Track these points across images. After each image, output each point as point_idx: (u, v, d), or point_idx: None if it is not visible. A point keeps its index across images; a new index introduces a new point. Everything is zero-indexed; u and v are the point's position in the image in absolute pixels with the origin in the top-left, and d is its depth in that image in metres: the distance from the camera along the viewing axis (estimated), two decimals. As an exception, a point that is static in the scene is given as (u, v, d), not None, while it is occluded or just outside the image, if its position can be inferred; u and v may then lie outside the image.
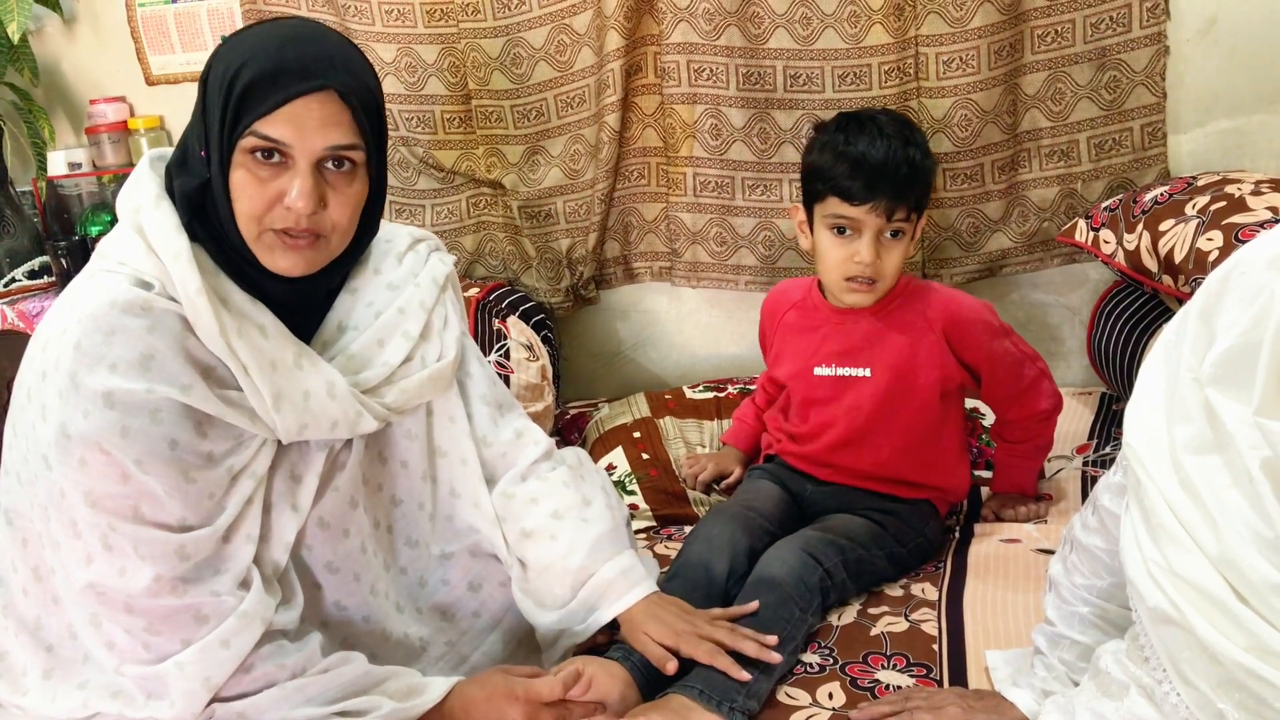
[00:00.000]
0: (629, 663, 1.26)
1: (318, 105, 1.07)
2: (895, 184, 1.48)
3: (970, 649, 1.31)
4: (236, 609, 1.08)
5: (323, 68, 1.08)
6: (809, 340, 1.64)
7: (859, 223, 1.50)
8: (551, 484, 1.38)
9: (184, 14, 2.43)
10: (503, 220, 2.35)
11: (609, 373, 2.44)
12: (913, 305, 1.58)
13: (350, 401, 1.16)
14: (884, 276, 1.53)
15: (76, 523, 1.06)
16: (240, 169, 1.08)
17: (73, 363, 1.03)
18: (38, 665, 1.16)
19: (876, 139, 1.50)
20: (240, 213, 1.09)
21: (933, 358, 1.56)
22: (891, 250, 1.52)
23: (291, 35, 1.11)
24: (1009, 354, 1.59)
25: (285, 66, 1.07)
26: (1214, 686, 0.80)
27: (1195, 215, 1.69)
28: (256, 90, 1.06)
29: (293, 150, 1.08)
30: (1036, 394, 1.62)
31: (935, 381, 1.56)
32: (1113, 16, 1.97)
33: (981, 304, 1.61)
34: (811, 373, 1.62)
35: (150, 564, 1.06)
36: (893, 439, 1.58)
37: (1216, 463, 0.82)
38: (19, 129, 2.53)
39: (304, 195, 1.08)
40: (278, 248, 1.11)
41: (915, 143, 1.52)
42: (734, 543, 1.46)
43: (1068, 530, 1.14)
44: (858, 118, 1.55)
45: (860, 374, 1.58)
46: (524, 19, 2.18)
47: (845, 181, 1.49)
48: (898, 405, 1.57)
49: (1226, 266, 0.87)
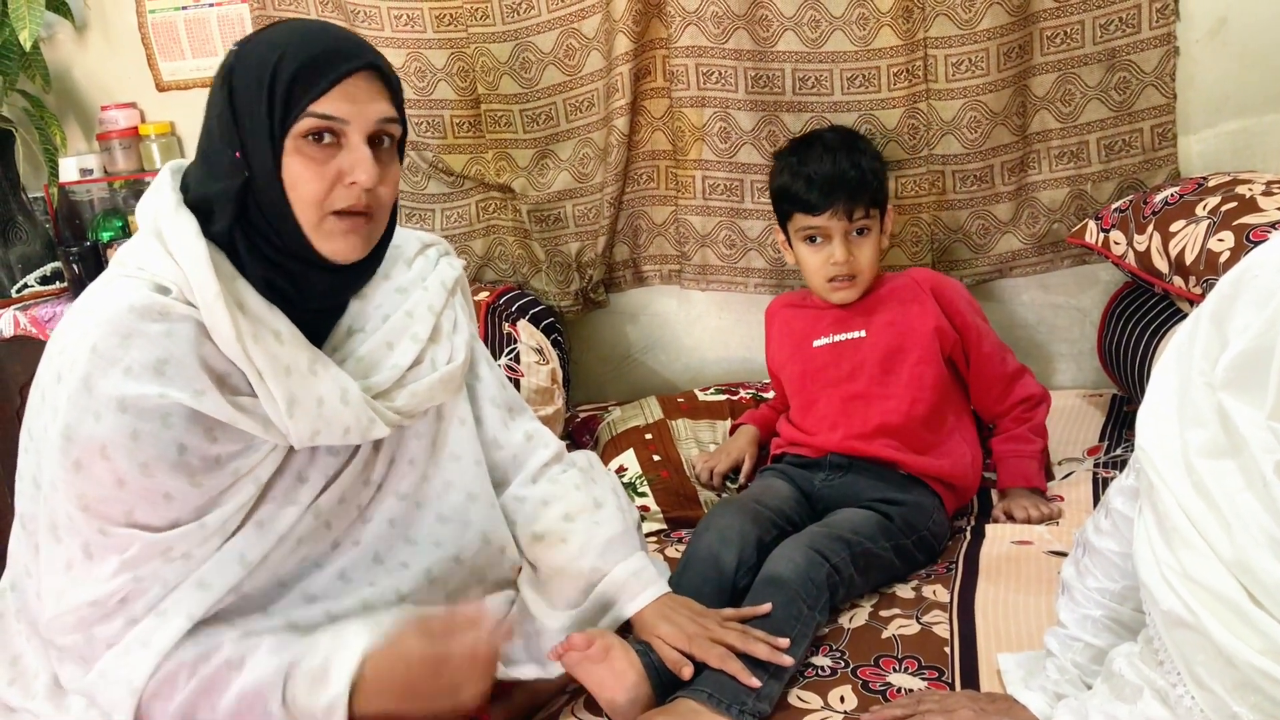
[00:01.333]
0: (646, 659, 1.27)
1: (364, 81, 1.11)
2: (848, 188, 1.70)
3: (982, 652, 1.31)
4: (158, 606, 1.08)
5: (361, 48, 1.13)
6: (804, 322, 1.81)
7: (826, 229, 1.71)
8: (563, 486, 1.38)
9: (194, 20, 2.44)
10: (512, 224, 2.35)
11: (618, 376, 2.44)
12: (899, 280, 1.78)
13: (363, 408, 1.17)
14: (861, 270, 1.73)
15: (58, 527, 1.07)
16: (295, 156, 1.09)
17: (88, 365, 1.04)
18: (50, 670, 1.16)
19: (824, 154, 1.74)
20: (300, 200, 1.10)
21: (925, 311, 1.73)
22: (862, 246, 1.73)
23: (318, 26, 1.16)
24: (990, 334, 1.77)
25: (329, 48, 1.10)
26: (1229, 689, 0.80)
27: (1206, 216, 1.69)
28: (305, 73, 1.08)
29: (348, 127, 1.10)
30: (1022, 382, 1.76)
31: (931, 332, 1.71)
32: (1122, 17, 1.97)
33: (960, 285, 1.82)
34: (811, 345, 1.78)
35: (132, 569, 1.07)
36: (898, 393, 1.68)
37: (1230, 467, 0.81)
38: (31, 135, 2.54)
39: (367, 167, 1.10)
40: (337, 232, 1.12)
41: (859, 150, 1.76)
42: (743, 534, 1.47)
43: (1080, 533, 1.14)
44: (806, 139, 1.83)
45: (856, 335, 1.74)
46: (533, 23, 2.18)
47: (804, 196, 1.72)
48: (898, 359, 1.70)
49: (1238, 270, 0.87)
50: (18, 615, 1.20)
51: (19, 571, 1.20)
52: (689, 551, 1.49)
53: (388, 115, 1.13)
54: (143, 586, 1.09)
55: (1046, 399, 1.77)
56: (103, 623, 1.08)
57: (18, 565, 1.20)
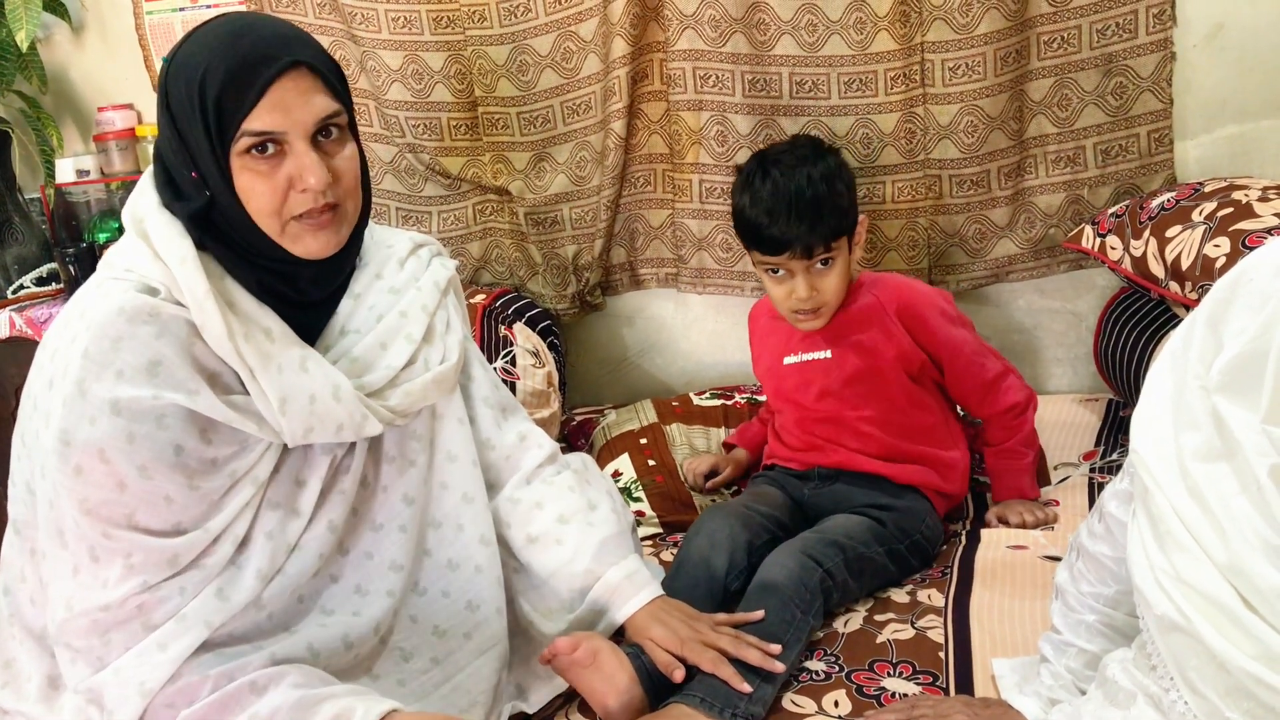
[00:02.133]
0: (638, 662, 1.26)
1: (293, 83, 1.08)
2: (806, 225, 1.55)
3: (977, 657, 1.31)
4: (179, 611, 1.08)
5: (282, 46, 1.09)
6: (777, 337, 1.75)
7: (786, 265, 1.59)
8: (557, 488, 1.38)
9: (192, 21, 2.43)
10: (509, 227, 2.35)
11: (615, 379, 2.44)
12: (869, 294, 1.67)
13: (355, 404, 1.16)
14: (826, 301, 1.62)
15: (64, 532, 1.07)
16: (243, 173, 1.09)
17: (80, 370, 1.03)
18: (42, 672, 1.16)
19: (777, 186, 1.57)
20: (258, 213, 1.10)
21: (890, 338, 1.64)
22: (826, 276, 1.60)
23: (237, 26, 1.11)
24: (967, 343, 1.67)
25: (247, 55, 1.07)
26: (1222, 695, 0.80)
27: (1202, 221, 1.69)
28: (229, 91, 1.06)
29: (286, 135, 1.08)
30: (1005, 388, 1.68)
31: (894, 357, 1.64)
32: (1119, 23, 1.97)
33: (936, 292, 1.71)
34: (781, 363, 1.72)
35: (139, 574, 1.06)
36: (870, 413, 1.65)
37: (1224, 470, 0.81)
38: (27, 136, 2.54)
39: (314, 172, 1.09)
40: (305, 233, 1.12)
41: (819, 176, 1.58)
42: (733, 537, 1.48)
43: (1074, 538, 1.14)
44: (763, 162, 1.63)
45: (821, 356, 1.68)
46: (530, 26, 2.18)
47: (760, 234, 1.59)
48: (867, 382, 1.65)
49: (1234, 274, 0.87)
50: (11, 619, 1.20)
51: (12, 576, 1.19)
52: (680, 555, 1.49)
53: (327, 112, 1.10)
54: (159, 596, 1.08)
55: (1032, 402, 1.71)
56: (119, 629, 1.07)
57: (11, 570, 1.19)
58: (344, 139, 1.15)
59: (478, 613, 1.30)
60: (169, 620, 1.07)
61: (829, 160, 1.62)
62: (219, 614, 1.10)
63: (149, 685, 1.06)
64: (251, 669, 1.09)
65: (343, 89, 1.15)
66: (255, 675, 1.08)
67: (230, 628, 1.11)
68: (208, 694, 1.07)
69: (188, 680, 1.07)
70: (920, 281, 1.74)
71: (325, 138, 1.12)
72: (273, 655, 1.12)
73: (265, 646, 1.13)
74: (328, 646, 1.18)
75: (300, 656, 1.14)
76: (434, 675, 1.26)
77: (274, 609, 1.17)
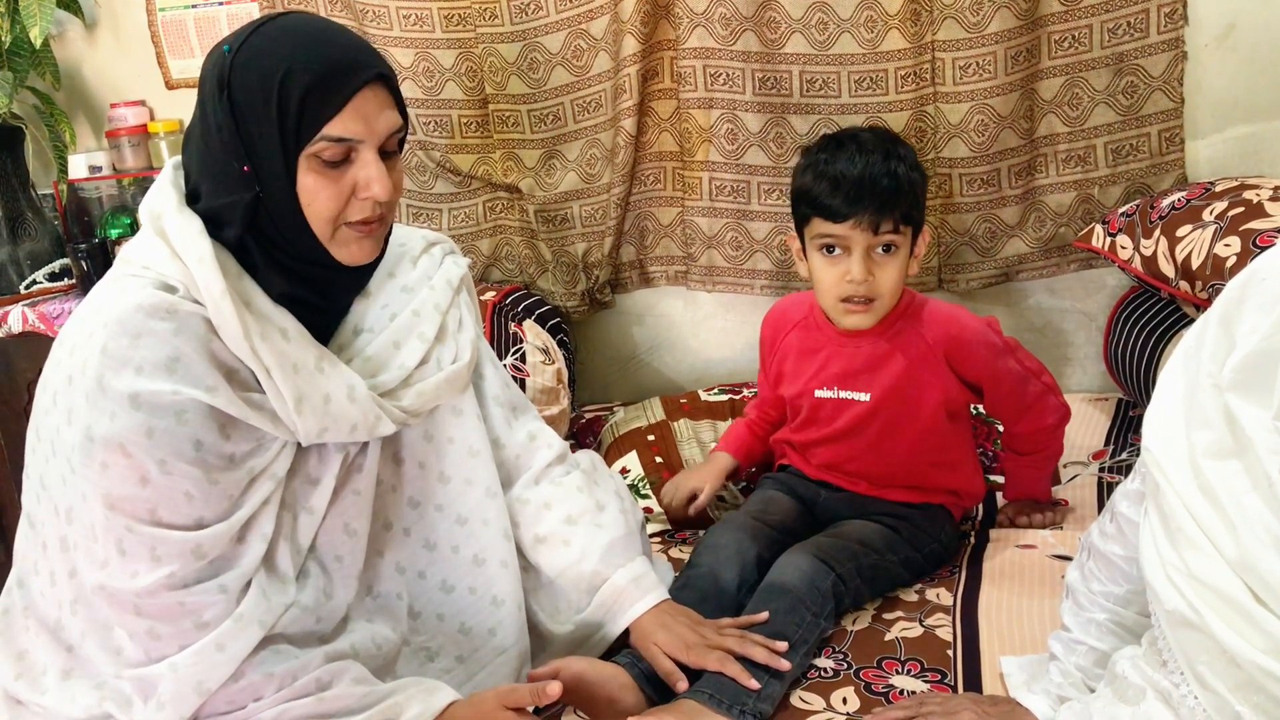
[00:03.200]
0: (635, 670, 1.27)
1: (373, 95, 1.10)
2: (877, 197, 1.44)
3: (985, 655, 1.31)
4: (234, 611, 1.08)
5: (369, 57, 1.11)
6: (811, 362, 1.62)
7: (846, 240, 1.47)
8: (565, 489, 1.38)
9: (204, 18, 2.45)
10: (519, 224, 2.36)
11: (624, 376, 2.44)
12: (913, 327, 1.55)
13: (369, 404, 1.17)
14: (880, 294, 1.49)
15: (94, 526, 1.07)
16: (309, 174, 1.09)
17: (99, 366, 1.04)
18: (57, 665, 1.17)
19: (856, 155, 1.47)
20: (316, 215, 1.11)
21: (934, 380, 1.55)
22: (885, 266, 1.48)
23: (319, 33, 1.11)
24: (1012, 372, 1.57)
25: (337, 62, 1.08)
26: (1232, 689, 0.80)
27: (1213, 221, 1.68)
28: (315, 93, 1.06)
29: (361, 144, 1.10)
30: (1042, 409, 1.60)
31: (939, 404, 1.55)
32: (1130, 22, 1.96)
33: (982, 323, 1.58)
34: (813, 395, 1.61)
35: (165, 564, 1.06)
36: (898, 455, 1.58)
37: (1236, 468, 0.82)
38: (41, 132, 2.56)
39: (381, 183, 1.10)
40: (353, 240, 1.14)
41: (898, 155, 1.48)
42: (742, 552, 1.46)
43: (1085, 537, 1.14)
44: (838, 137, 1.53)
45: (860, 398, 1.57)
46: (541, 24, 2.19)
47: (826, 200, 1.46)
48: (900, 427, 1.56)
49: (1246, 273, 0.87)
50: (25, 612, 1.20)
51: (26, 568, 1.20)
52: (689, 569, 1.47)
53: (398, 125, 1.13)
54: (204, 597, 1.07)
55: (1065, 420, 1.63)
56: (166, 623, 1.07)
57: (26, 562, 1.20)
58: (399, 155, 1.17)
59: (502, 608, 1.30)
60: (224, 621, 1.07)
61: (908, 150, 1.53)
62: (269, 613, 1.11)
63: (207, 684, 1.07)
64: (313, 667, 1.10)
65: (404, 107, 1.16)
66: (319, 672, 1.10)
67: (280, 628, 1.12)
68: (274, 691, 1.08)
69: (251, 679, 1.08)
70: (964, 311, 1.62)
71: (389, 154, 1.14)
72: (327, 654, 1.13)
73: (318, 647, 1.14)
74: (364, 648, 1.19)
75: (346, 656, 1.16)
76: (457, 674, 1.27)
77: (320, 612, 1.18)
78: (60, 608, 1.16)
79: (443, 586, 1.30)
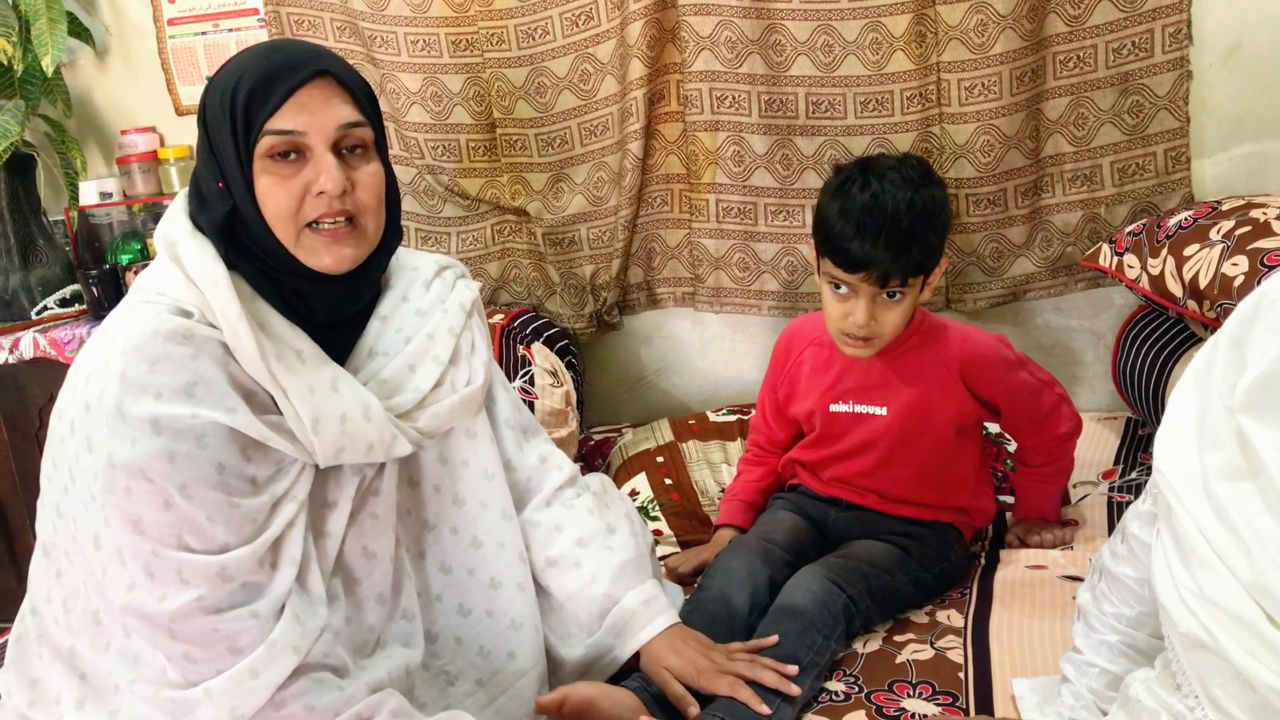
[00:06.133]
0: (645, 694, 1.26)
1: (319, 90, 1.12)
2: (892, 252, 1.43)
3: (997, 677, 1.30)
4: (268, 638, 1.08)
5: (313, 58, 1.13)
6: (825, 378, 1.62)
7: (855, 286, 1.47)
8: (576, 511, 1.38)
9: (213, 45, 2.47)
10: (527, 247, 2.37)
11: (633, 398, 2.45)
12: (928, 347, 1.56)
13: (385, 424, 1.17)
14: (880, 335, 1.50)
15: (121, 550, 1.07)
16: (263, 175, 1.11)
17: (119, 393, 1.04)
18: (71, 694, 1.17)
19: (878, 198, 1.44)
20: (274, 216, 1.12)
21: (949, 397, 1.56)
22: (889, 310, 1.48)
23: (273, 45, 1.17)
24: (1027, 385, 1.59)
25: (278, 65, 1.11)
26: (1247, 712, 0.80)
27: (1220, 240, 1.69)
28: (258, 94, 1.10)
29: (308, 138, 1.11)
30: (1056, 419, 1.61)
31: (951, 419, 1.56)
32: (1135, 42, 1.97)
33: (995, 339, 1.59)
34: (827, 409, 1.61)
35: (193, 587, 1.06)
36: (909, 469, 1.58)
37: (1249, 489, 0.81)
38: (52, 159, 2.57)
39: (330, 173, 1.11)
40: (319, 245, 1.14)
41: (921, 204, 1.45)
42: (754, 576, 1.45)
43: (1096, 559, 1.14)
44: (865, 172, 1.49)
45: (877, 412, 1.57)
46: (548, 48, 2.20)
47: (840, 245, 1.45)
48: (913, 440, 1.57)
49: (1257, 294, 0.87)
50: (39, 640, 1.20)
51: (40, 596, 1.20)
52: (699, 593, 1.46)
53: (349, 120, 1.13)
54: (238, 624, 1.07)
55: (1078, 430, 1.64)
56: (201, 647, 1.07)
57: (39, 589, 1.20)
58: (369, 156, 1.17)
59: (520, 631, 1.30)
60: (257, 647, 1.07)
61: (935, 192, 1.49)
62: (303, 638, 1.09)
63: (241, 711, 1.06)
64: (356, 701, 1.10)
65: (371, 108, 1.17)
66: (359, 707, 1.09)
67: (317, 654, 1.11)
68: None
69: (292, 710, 1.07)
70: (976, 329, 1.62)
71: (349, 152, 1.14)
72: (369, 685, 1.13)
73: (358, 677, 1.13)
74: (395, 677, 1.19)
75: (384, 685, 1.15)
76: (478, 698, 1.27)
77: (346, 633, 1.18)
78: (75, 636, 1.16)
79: (460, 610, 1.30)
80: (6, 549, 2.49)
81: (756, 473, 1.76)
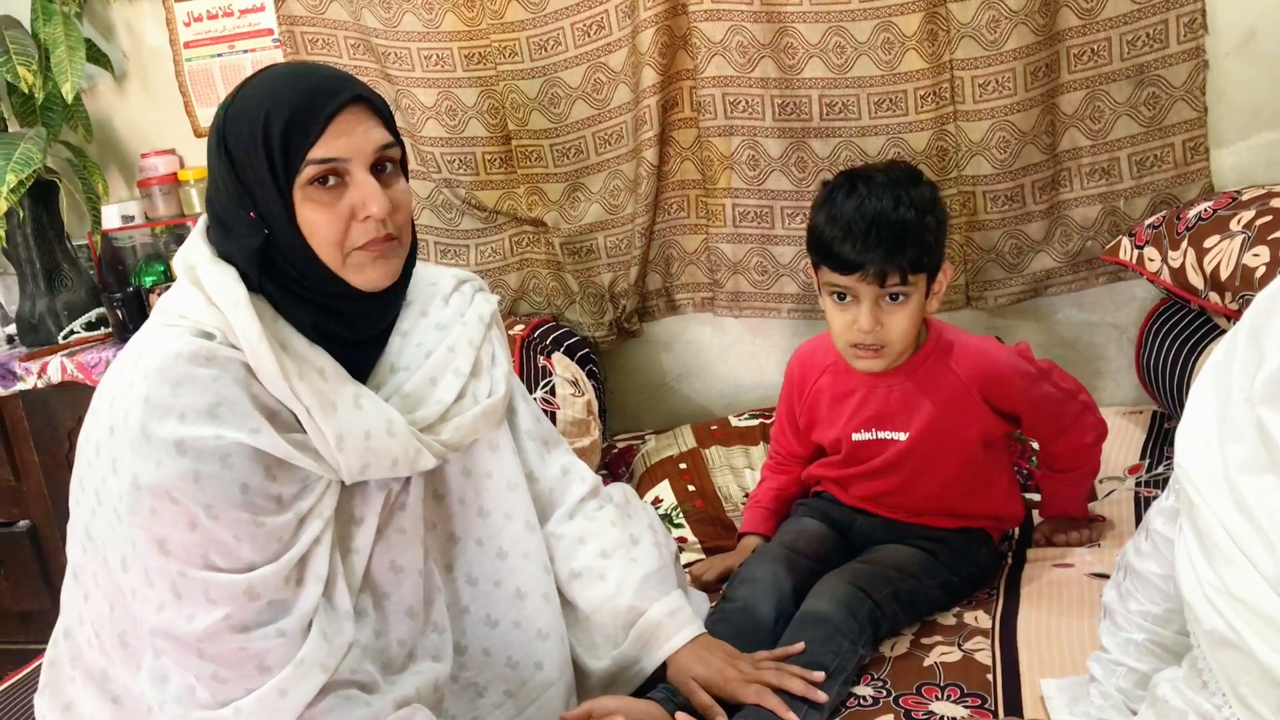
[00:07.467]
0: (671, 705, 1.26)
1: (354, 115, 1.12)
2: (885, 249, 1.41)
3: (1025, 677, 1.30)
4: (295, 656, 1.08)
5: (344, 82, 1.14)
6: (845, 407, 1.60)
7: (854, 290, 1.44)
8: (599, 523, 1.38)
9: (230, 67, 2.50)
10: (545, 257, 2.38)
11: (654, 404, 2.45)
12: (945, 365, 1.53)
13: (409, 439, 1.18)
14: (890, 342, 1.46)
15: (149, 571, 1.08)
16: (305, 205, 1.11)
17: (143, 415, 1.05)
18: (105, 716, 1.18)
19: (864, 202, 1.43)
20: (321, 244, 1.12)
21: (971, 416, 1.53)
22: (894, 314, 1.45)
23: (297, 71, 1.16)
24: (1050, 396, 1.56)
25: (312, 90, 1.11)
26: (1275, 709, 0.79)
27: (1240, 230, 1.67)
28: (296, 124, 1.10)
29: (349, 163, 1.12)
30: (1080, 428, 1.59)
31: (975, 437, 1.54)
32: (1149, 33, 1.96)
33: (1013, 352, 1.57)
34: (850, 438, 1.59)
35: (220, 606, 1.07)
36: (935, 485, 1.57)
37: (1271, 483, 0.81)
38: (74, 185, 2.61)
39: (377, 199, 1.12)
40: (366, 263, 1.15)
41: (910, 201, 1.43)
42: (778, 585, 1.45)
43: (1122, 556, 1.13)
44: (851, 179, 1.48)
45: (898, 438, 1.55)
46: (560, 59, 2.21)
47: (834, 249, 1.44)
48: (938, 459, 1.55)
49: (1275, 286, 0.87)
50: (71, 663, 1.21)
51: (72, 619, 1.21)
52: (724, 603, 1.46)
53: (384, 141, 1.15)
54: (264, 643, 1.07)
55: (1102, 438, 1.62)
56: (230, 667, 1.08)
57: (71, 613, 1.21)
58: (398, 174, 1.18)
59: (547, 641, 1.30)
60: (285, 665, 1.07)
61: (925, 190, 1.47)
62: (331, 656, 1.10)
63: None
64: (384, 717, 1.11)
65: (394, 129, 1.19)
66: None
67: (345, 672, 1.12)
68: None
69: None
70: (994, 342, 1.60)
71: (382, 171, 1.16)
72: (395, 701, 1.13)
73: (387, 693, 1.14)
74: (424, 692, 1.19)
75: (412, 700, 1.16)
76: (507, 709, 1.27)
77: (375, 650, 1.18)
78: (107, 658, 1.17)
79: (487, 621, 1.31)
80: (40, 572, 2.53)
81: (780, 480, 1.75)
